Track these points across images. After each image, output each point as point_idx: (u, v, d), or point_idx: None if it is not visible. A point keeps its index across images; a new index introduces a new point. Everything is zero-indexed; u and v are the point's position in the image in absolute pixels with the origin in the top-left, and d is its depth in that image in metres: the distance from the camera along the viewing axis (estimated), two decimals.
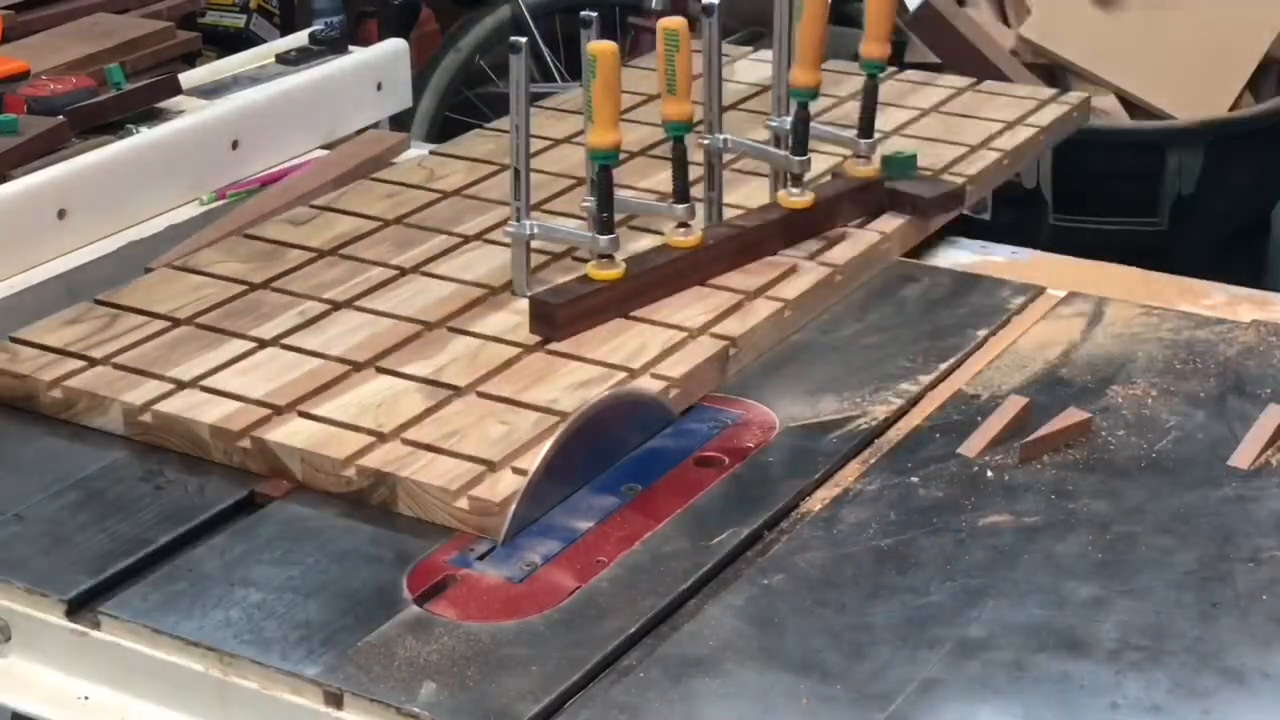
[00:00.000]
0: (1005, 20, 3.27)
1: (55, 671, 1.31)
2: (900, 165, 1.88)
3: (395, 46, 2.36)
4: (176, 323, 1.65)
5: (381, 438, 1.45)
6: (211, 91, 2.25)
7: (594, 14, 1.64)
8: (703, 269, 1.71)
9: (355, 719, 1.21)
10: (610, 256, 1.65)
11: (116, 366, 1.57)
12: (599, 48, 1.59)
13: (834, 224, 1.80)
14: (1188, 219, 3.00)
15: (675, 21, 1.65)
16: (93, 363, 1.58)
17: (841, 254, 1.76)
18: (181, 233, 1.91)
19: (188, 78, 2.28)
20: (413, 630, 1.27)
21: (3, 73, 2.18)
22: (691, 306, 1.66)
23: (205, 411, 1.49)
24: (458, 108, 3.86)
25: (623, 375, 1.54)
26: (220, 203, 2.02)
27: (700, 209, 1.76)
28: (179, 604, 1.30)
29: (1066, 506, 1.40)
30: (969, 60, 3.12)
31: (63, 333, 1.63)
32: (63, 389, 1.55)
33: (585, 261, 1.68)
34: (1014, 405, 1.52)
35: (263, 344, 1.61)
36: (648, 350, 1.59)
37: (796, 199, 1.77)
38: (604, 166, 1.63)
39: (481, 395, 1.52)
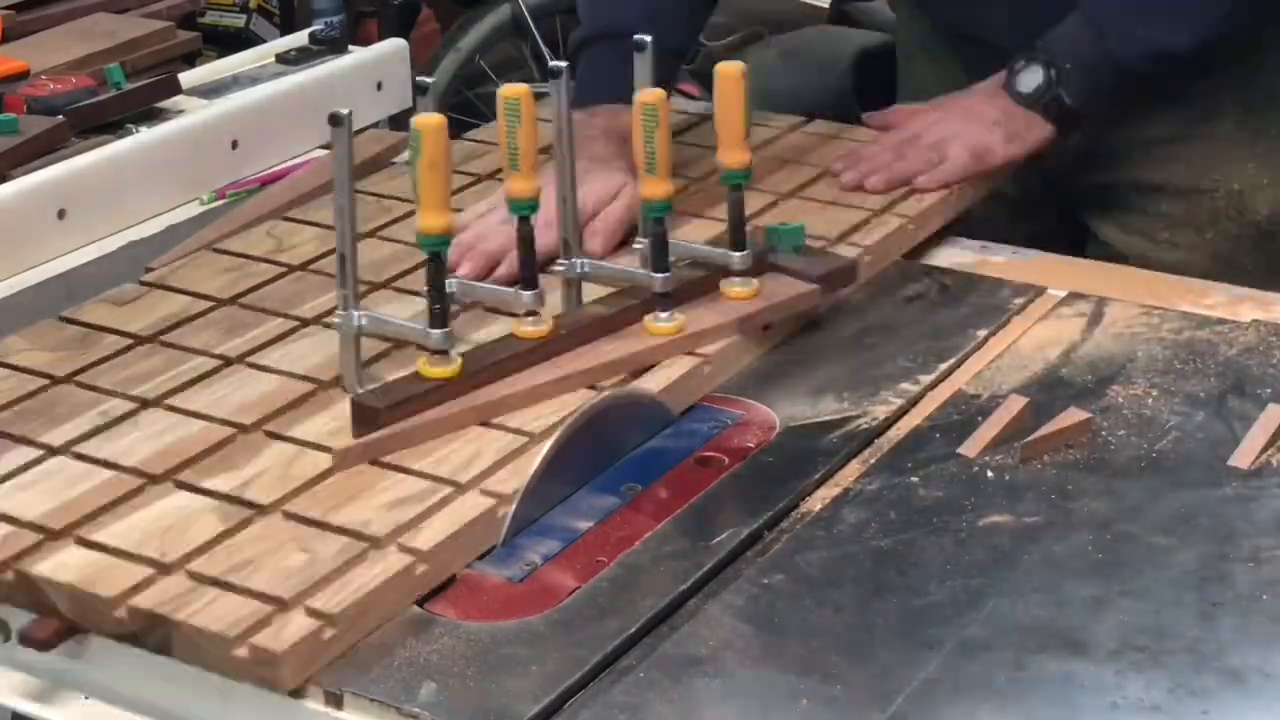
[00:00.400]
0: None
1: (56, 671, 1.31)
2: (785, 237, 1.67)
3: (395, 46, 2.35)
4: None
5: (164, 569, 1.28)
6: (211, 91, 2.25)
7: (428, 79, 1.55)
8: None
9: (355, 719, 1.21)
10: (445, 352, 1.47)
11: None
12: (424, 122, 1.41)
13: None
14: None
15: (517, 89, 1.48)
16: None
17: (711, 341, 1.59)
18: (181, 233, 1.91)
19: (188, 78, 2.27)
20: (413, 630, 1.27)
21: (3, 73, 2.18)
22: (537, 405, 1.48)
23: None
24: (458, 108, 3.87)
25: (448, 490, 1.37)
26: (220, 203, 2.02)
27: (558, 291, 1.59)
28: None
29: (1066, 506, 1.40)
30: None
31: None
32: None
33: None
34: (1014, 405, 1.52)
35: (52, 451, 1.44)
36: (480, 459, 1.41)
37: (664, 324, 1.57)
38: (435, 253, 1.45)
39: (287, 515, 1.35)
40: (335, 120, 1.42)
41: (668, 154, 1.55)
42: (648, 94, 1.54)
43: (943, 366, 1.61)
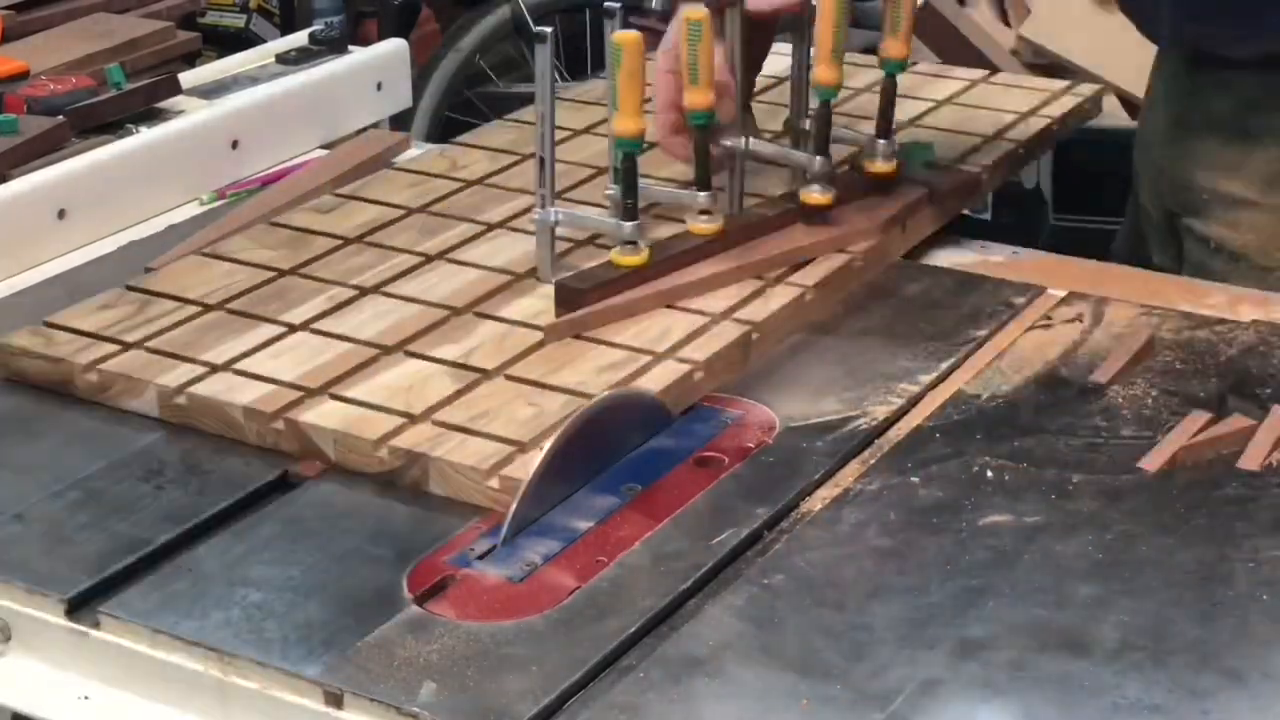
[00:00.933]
0: (1005, 20, 3.27)
1: (55, 671, 1.31)
2: (917, 154, 1.88)
3: (395, 46, 2.36)
4: (208, 308, 1.66)
5: (412, 419, 1.47)
6: (211, 91, 2.25)
7: (618, 4, 1.67)
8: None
9: (355, 719, 1.21)
10: (634, 243, 1.67)
11: (150, 350, 1.59)
12: (623, 37, 1.61)
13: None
14: None
15: (698, 11, 1.65)
16: (127, 346, 1.59)
17: (859, 241, 1.77)
18: (181, 233, 1.91)
19: (188, 78, 2.28)
20: (413, 630, 1.27)
21: (3, 73, 2.18)
22: (714, 292, 1.68)
23: (239, 394, 1.51)
24: (458, 108, 3.87)
25: (648, 359, 1.55)
26: (220, 203, 2.02)
27: (722, 198, 1.77)
28: (179, 604, 1.31)
29: (1066, 506, 1.41)
30: (969, 60, 3.12)
31: (96, 317, 1.65)
32: (98, 372, 1.56)
33: (607, 249, 1.70)
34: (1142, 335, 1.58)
35: (293, 328, 1.62)
36: (671, 334, 1.60)
37: (818, 195, 1.76)
38: (629, 154, 1.65)
39: (510, 378, 1.53)
40: (541, 38, 1.62)
41: (840, 39, 1.72)
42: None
43: (943, 366, 1.61)
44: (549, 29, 1.63)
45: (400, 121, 2.54)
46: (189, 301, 1.68)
